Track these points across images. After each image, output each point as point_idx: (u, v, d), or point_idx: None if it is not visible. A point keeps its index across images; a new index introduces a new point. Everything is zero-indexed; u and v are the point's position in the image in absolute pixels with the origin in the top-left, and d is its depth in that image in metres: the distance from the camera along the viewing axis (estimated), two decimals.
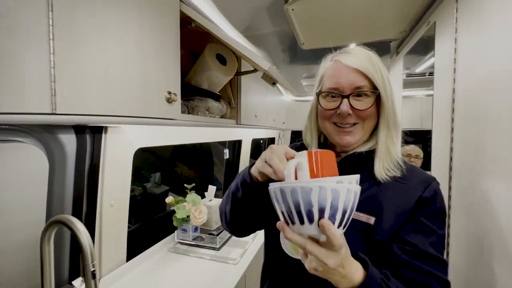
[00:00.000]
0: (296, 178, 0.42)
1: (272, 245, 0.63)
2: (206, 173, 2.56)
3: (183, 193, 1.48)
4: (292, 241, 0.40)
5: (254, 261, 1.29)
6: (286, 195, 0.39)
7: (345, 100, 0.54)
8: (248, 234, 0.68)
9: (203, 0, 0.86)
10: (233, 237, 1.49)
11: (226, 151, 2.32)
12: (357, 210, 0.49)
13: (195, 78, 0.97)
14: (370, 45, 0.59)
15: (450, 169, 0.76)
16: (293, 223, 0.40)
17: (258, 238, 1.49)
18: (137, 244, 1.25)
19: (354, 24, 1.01)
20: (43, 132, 0.76)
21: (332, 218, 0.38)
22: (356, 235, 0.51)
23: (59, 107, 0.53)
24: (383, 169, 0.53)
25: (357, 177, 0.41)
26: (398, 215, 0.50)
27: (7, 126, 0.71)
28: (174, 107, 0.75)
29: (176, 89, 0.75)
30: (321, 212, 0.37)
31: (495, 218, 0.58)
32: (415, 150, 1.98)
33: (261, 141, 3.39)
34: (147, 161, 1.81)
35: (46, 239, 0.73)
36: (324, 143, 0.63)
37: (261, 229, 0.68)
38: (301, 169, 0.42)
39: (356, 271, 0.42)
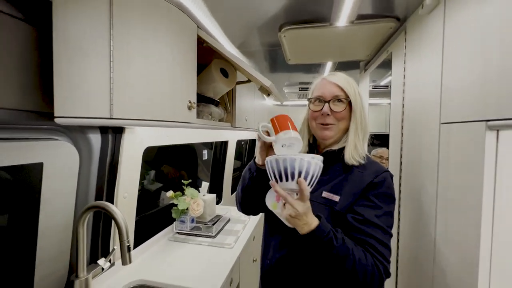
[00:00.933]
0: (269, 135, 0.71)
1: (268, 223, 0.84)
2: (191, 173, 2.69)
3: (174, 189, 1.61)
4: (279, 193, 0.62)
5: (246, 246, 1.47)
6: (279, 162, 0.61)
7: (327, 104, 0.76)
8: (255, 213, 0.88)
9: (212, 24, 1.05)
10: (226, 227, 1.66)
11: (205, 152, 2.48)
12: (327, 191, 0.73)
13: (201, 87, 1.15)
14: (344, 63, 0.83)
15: (400, 163, 1.03)
16: (281, 180, 0.62)
17: (247, 228, 1.68)
18: (138, 235, 1.37)
19: (331, 48, 1.26)
20: (76, 132, 0.89)
21: (305, 178, 0.61)
22: (325, 209, 0.72)
23: (115, 113, 0.68)
24: (350, 156, 0.74)
25: (321, 157, 0.65)
26: (354, 194, 0.71)
27: (46, 126, 0.83)
28: (192, 113, 0.92)
29: (194, 98, 0.93)
30: (299, 174, 0.60)
31: (425, 201, 0.83)
32: (385, 152, 2.31)
33: (243, 142, 3.58)
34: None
35: (81, 223, 0.86)
36: (313, 143, 0.85)
37: (263, 211, 0.88)
38: (270, 130, 0.70)
39: (314, 221, 0.63)
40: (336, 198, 0.72)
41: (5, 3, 0.66)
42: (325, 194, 0.73)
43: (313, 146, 0.84)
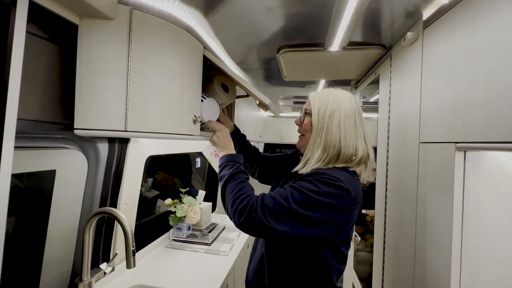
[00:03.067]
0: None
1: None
2: (185, 180, 2.72)
3: (169, 197, 1.66)
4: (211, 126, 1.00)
5: (241, 253, 1.52)
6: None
7: (299, 116, 0.87)
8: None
9: (216, 44, 1.14)
10: (222, 235, 1.71)
11: (198, 160, 2.54)
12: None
13: None
14: (336, 81, 0.92)
15: (386, 176, 1.12)
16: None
17: (242, 236, 1.73)
18: (136, 241, 1.41)
19: (325, 69, 1.37)
20: (86, 141, 0.95)
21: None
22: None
23: (129, 126, 0.75)
24: (299, 167, 0.79)
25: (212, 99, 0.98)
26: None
27: (60, 136, 0.89)
28: (196, 126, 0.99)
29: (198, 112, 1.00)
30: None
31: (408, 205, 0.92)
32: (372, 164, 2.42)
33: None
34: None
35: (88, 228, 0.91)
36: None
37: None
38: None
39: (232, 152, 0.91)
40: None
41: (32, 24, 0.73)
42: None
43: None
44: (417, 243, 0.84)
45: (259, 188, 0.97)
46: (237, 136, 1.18)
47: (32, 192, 0.84)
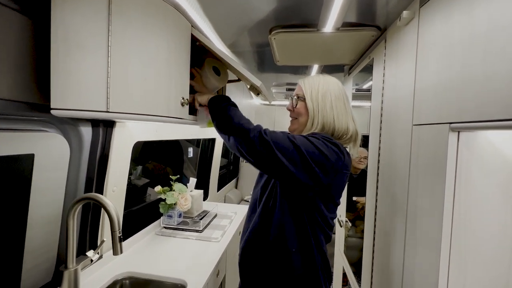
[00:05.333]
0: None
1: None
2: (177, 170, 2.69)
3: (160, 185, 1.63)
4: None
5: (232, 240, 1.52)
6: None
7: (291, 101, 0.90)
8: None
9: (205, 23, 1.08)
10: (213, 222, 1.70)
11: (191, 149, 2.50)
12: None
13: None
14: (329, 66, 0.90)
15: (378, 161, 1.11)
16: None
17: (234, 223, 1.72)
18: (125, 229, 1.38)
19: (318, 52, 1.33)
20: (67, 124, 0.90)
21: None
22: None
23: (111, 107, 0.71)
24: None
25: None
26: None
27: (37, 118, 0.84)
28: (184, 109, 0.95)
29: (187, 94, 0.96)
30: None
31: (400, 191, 0.92)
32: (364, 152, 2.43)
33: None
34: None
35: (72, 214, 0.87)
36: None
37: None
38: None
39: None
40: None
41: None
42: None
43: None
44: (407, 228, 0.84)
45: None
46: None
47: (8, 177, 0.79)
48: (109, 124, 1.03)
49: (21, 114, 0.72)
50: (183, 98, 0.92)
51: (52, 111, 0.67)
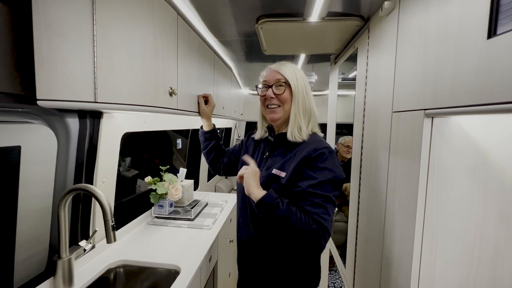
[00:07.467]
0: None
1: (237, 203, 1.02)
2: (166, 161, 2.68)
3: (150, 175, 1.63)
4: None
5: (224, 227, 1.56)
6: None
7: (270, 88, 0.88)
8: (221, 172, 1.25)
9: (191, 12, 1.07)
10: (204, 210, 1.73)
11: (179, 141, 2.50)
12: (277, 168, 0.85)
13: None
14: (315, 56, 0.93)
15: (361, 148, 1.17)
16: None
17: (224, 211, 1.76)
18: (116, 221, 1.39)
19: (305, 41, 1.34)
20: (53, 116, 0.89)
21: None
22: (275, 183, 0.83)
23: (99, 97, 0.71)
24: (291, 134, 0.86)
25: None
26: (293, 168, 0.81)
27: (22, 110, 0.82)
28: (173, 99, 0.96)
29: (175, 84, 0.96)
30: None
31: (380, 175, 0.97)
32: (351, 141, 2.51)
33: (219, 130, 3.61)
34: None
35: (63, 205, 0.88)
36: (272, 127, 0.97)
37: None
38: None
39: (263, 192, 0.78)
40: (283, 174, 0.83)
41: None
42: (274, 171, 0.85)
43: (272, 130, 0.96)
44: (387, 208, 0.90)
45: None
46: (214, 134, 1.25)
47: None
48: (96, 115, 1.02)
49: (3, 105, 0.71)
50: (171, 88, 0.93)
51: (39, 102, 0.67)
